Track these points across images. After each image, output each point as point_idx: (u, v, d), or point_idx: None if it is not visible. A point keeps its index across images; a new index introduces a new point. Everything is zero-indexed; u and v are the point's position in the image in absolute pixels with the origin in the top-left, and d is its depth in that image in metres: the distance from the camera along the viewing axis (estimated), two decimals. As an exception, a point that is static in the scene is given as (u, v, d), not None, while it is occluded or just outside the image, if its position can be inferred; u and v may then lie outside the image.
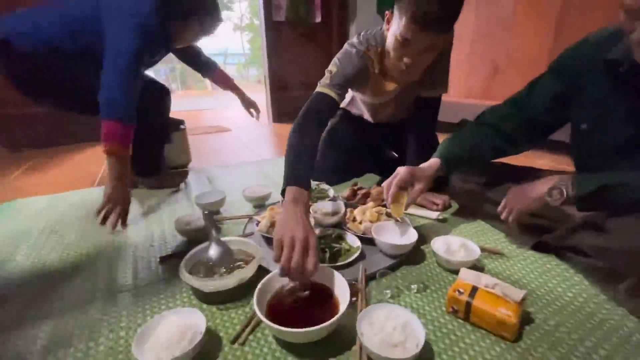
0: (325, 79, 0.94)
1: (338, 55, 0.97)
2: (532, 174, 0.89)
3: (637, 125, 0.62)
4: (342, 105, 1.31)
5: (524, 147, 0.88)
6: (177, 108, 2.68)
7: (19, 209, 1.18)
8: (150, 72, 1.39)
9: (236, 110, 4.48)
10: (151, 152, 1.32)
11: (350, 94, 1.23)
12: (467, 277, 0.63)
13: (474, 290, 0.60)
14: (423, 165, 0.84)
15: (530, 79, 0.84)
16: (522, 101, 0.81)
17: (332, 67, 0.95)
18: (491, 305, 0.56)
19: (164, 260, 0.83)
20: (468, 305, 0.58)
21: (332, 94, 0.92)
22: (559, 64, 0.75)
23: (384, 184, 0.82)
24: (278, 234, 0.62)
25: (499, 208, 0.81)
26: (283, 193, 0.73)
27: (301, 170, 0.77)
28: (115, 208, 0.96)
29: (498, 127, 0.84)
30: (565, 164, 1.58)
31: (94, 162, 1.90)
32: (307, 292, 0.62)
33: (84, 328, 0.61)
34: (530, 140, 0.85)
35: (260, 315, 0.53)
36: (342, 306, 0.57)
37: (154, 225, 1.03)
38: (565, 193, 0.66)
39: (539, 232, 0.82)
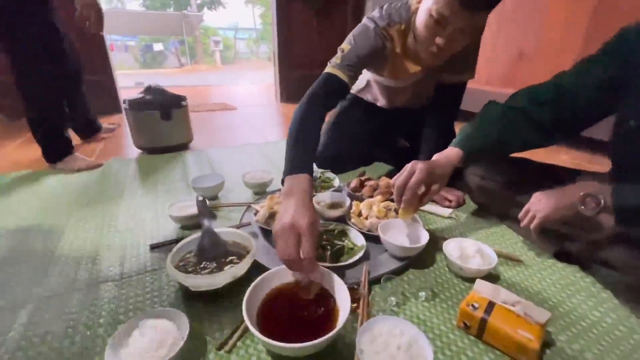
0: (336, 59, 0.85)
1: (354, 31, 0.87)
2: (561, 175, 0.80)
3: None
4: (355, 91, 1.21)
5: (556, 141, 0.77)
6: (185, 83, 2.60)
7: (10, 184, 1.14)
8: (159, 46, 1.43)
9: (243, 87, 4.36)
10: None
11: (365, 78, 1.13)
12: (483, 289, 0.56)
13: (491, 305, 0.53)
14: (440, 159, 0.73)
15: (559, 67, 0.73)
16: (567, 85, 0.69)
17: (345, 44, 0.86)
18: (510, 326, 0.50)
19: (154, 248, 0.77)
20: (483, 322, 0.52)
21: (343, 76, 0.83)
22: (614, 43, 0.63)
23: (396, 182, 0.71)
24: (274, 229, 0.57)
25: (520, 214, 0.72)
26: (283, 183, 0.67)
27: (302, 157, 0.70)
28: (89, 13, 1.13)
29: (532, 114, 0.72)
30: (586, 161, 1.48)
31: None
32: (309, 295, 0.56)
33: (61, 323, 0.56)
34: (567, 133, 0.74)
35: (249, 324, 0.47)
36: (342, 316, 0.51)
37: (146, 208, 0.97)
38: (602, 202, 0.58)
39: (562, 239, 0.74)
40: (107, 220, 0.90)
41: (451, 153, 0.74)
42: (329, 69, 0.85)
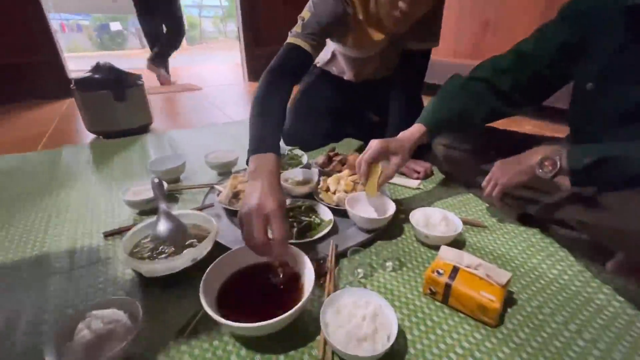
0: (297, 27, 0.80)
1: None
2: (524, 141, 0.81)
3: None
4: (321, 64, 1.16)
5: (521, 109, 0.78)
6: (145, 64, 2.42)
7: (-58, 176, 1.02)
8: (117, 25, 1.27)
9: (210, 67, 4.15)
10: None
11: (330, 50, 1.08)
12: (447, 255, 0.56)
13: (455, 270, 0.53)
14: (403, 134, 0.73)
15: (522, 37, 0.73)
16: (527, 51, 0.69)
17: (305, 12, 0.81)
18: (473, 288, 0.50)
19: (108, 236, 0.72)
20: (447, 287, 0.52)
21: (305, 45, 0.79)
22: (570, 7, 0.63)
23: (355, 162, 0.71)
24: (240, 212, 0.54)
25: (483, 183, 0.73)
26: (247, 162, 0.63)
27: (267, 135, 0.66)
28: None
29: (494, 82, 0.72)
30: (549, 130, 1.53)
31: (41, 122, 1.69)
32: (278, 277, 0.54)
33: (0, 321, 0.51)
34: (530, 100, 0.74)
35: (206, 306, 0.45)
36: (305, 292, 0.49)
37: (100, 195, 0.90)
38: (558, 165, 0.59)
39: (523, 203, 0.76)
40: (56, 210, 0.83)
41: (414, 129, 0.74)
42: (290, 39, 0.80)
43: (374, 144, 0.70)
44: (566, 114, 0.72)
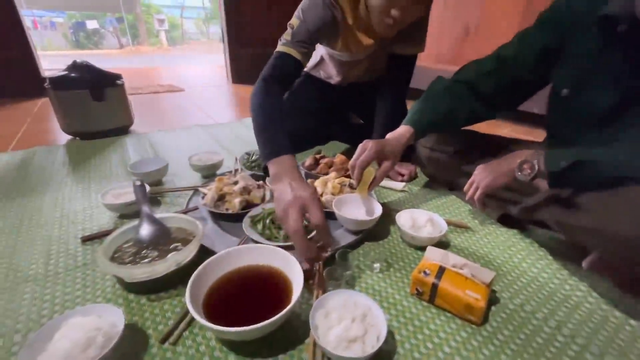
0: (287, 35, 0.80)
1: (302, 4, 0.82)
2: (504, 145, 0.84)
3: (624, 93, 0.56)
4: (307, 69, 1.17)
5: (500, 111, 0.80)
6: (125, 65, 2.34)
7: None
8: (94, 23, 1.17)
9: (193, 68, 4.08)
10: None
11: (319, 53, 1.09)
12: (433, 256, 0.57)
13: (441, 270, 0.54)
14: (392, 137, 0.74)
15: (502, 42, 0.76)
16: (508, 56, 0.72)
17: (294, 19, 0.81)
18: (459, 288, 0.51)
19: (86, 241, 0.69)
20: (434, 287, 0.53)
21: (296, 54, 0.79)
22: (548, 14, 0.66)
23: (349, 164, 0.72)
24: (279, 210, 0.57)
25: (465, 187, 0.75)
26: (265, 170, 0.64)
27: (278, 139, 0.67)
28: None
29: (476, 85, 0.75)
30: (525, 134, 1.59)
31: (12, 122, 1.61)
32: (329, 253, 0.60)
33: (-35, 333, 0.48)
34: (509, 103, 0.77)
35: (193, 311, 0.43)
36: (295, 294, 0.49)
37: (77, 198, 0.87)
38: (536, 168, 0.61)
39: (504, 205, 0.78)
40: (28, 214, 0.79)
41: (402, 131, 0.75)
42: (280, 47, 0.80)
43: (369, 148, 0.69)
44: (542, 118, 0.75)
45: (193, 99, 2.26)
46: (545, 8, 0.67)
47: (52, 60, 2.40)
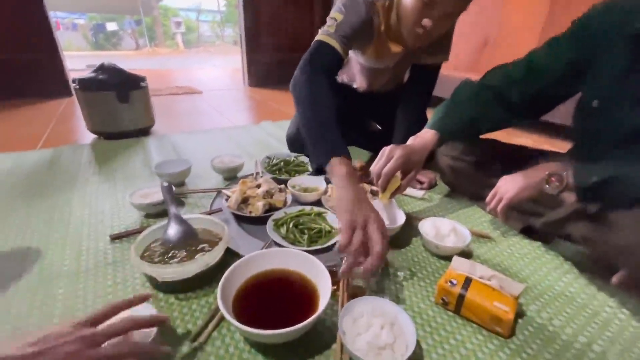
0: (329, 27, 0.78)
1: (343, 0, 0.80)
2: (528, 155, 0.83)
3: None
4: None
5: (525, 120, 0.79)
6: (143, 66, 2.41)
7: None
8: (113, 25, 1.20)
9: (209, 71, 4.15)
10: None
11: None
12: (460, 266, 0.57)
13: (468, 281, 0.54)
14: (417, 144, 0.73)
15: (521, 53, 0.75)
16: (538, 64, 0.71)
17: (336, 13, 0.79)
18: (486, 299, 0.51)
19: (115, 239, 0.71)
20: (461, 297, 0.52)
21: (337, 47, 0.77)
22: (579, 26, 0.65)
23: (374, 170, 0.70)
24: (348, 216, 0.53)
25: (488, 198, 0.74)
26: (319, 169, 0.63)
27: (336, 135, 0.65)
28: None
29: (503, 92, 0.74)
30: (545, 144, 1.57)
31: (40, 121, 1.66)
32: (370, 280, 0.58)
33: (4, 324, 0.50)
34: (535, 112, 0.76)
35: (225, 312, 0.44)
36: (322, 301, 0.50)
37: (104, 197, 0.89)
38: (565, 181, 0.61)
39: (527, 217, 0.77)
40: (58, 212, 0.81)
41: (427, 136, 0.74)
42: (321, 37, 0.78)
43: (396, 156, 0.68)
44: (563, 129, 0.74)
45: (210, 101, 2.30)
46: (575, 18, 0.67)
47: (73, 61, 2.47)
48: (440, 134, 0.74)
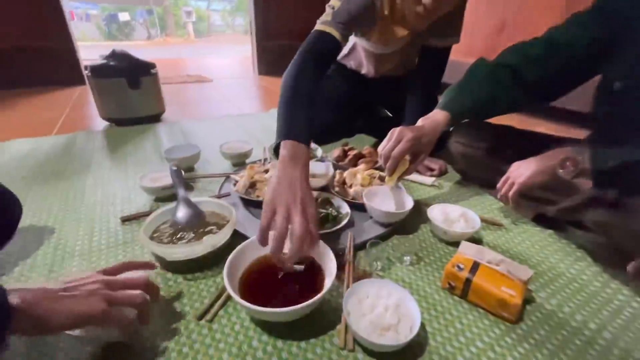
0: (326, 16, 0.78)
1: None
2: (543, 141, 0.80)
3: None
4: (339, 58, 1.16)
5: (542, 101, 0.76)
6: (154, 56, 2.40)
7: (-41, 157, 1.03)
8: (125, 15, 1.21)
9: (219, 60, 4.15)
10: None
11: (350, 42, 1.08)
12: (468, 251, 0.56)
13: (476, 266, 0.53)
14: (427, 125, 0.71)
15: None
16: (559, 41, 0.67)
17: (333, 1, 0.79)
18: (494, 284, 0.50)
19: (126, 221, 0.72)
20: (468, 282, 0.52)
21: (335, 34, 0.76)
22: (605, 1, 0.62)
23: (383, 151, 0.69)
24: (270, 197, 0.52)
25: (499, 184, 0.72)
26: (276, 149, 0.62)
27: (300, 121, 0.63)
28: None
29: (521, 71, 0.70)
30: (562, 132, 1.52)
31: (54, 108, 1.70)
32: (302, 267, 0.52)
33: (22, 298, 0.51)
34: (553, 93, 0.73)
35: (230, 290, 0.45)
36: (327, 281, 0.50)
37: (115, 181, 0.91)
38: (581, 165, 0.58)
39: (539, 204, 0.75)
40: (72, 194, 0.84)
41: (437, 117, 0.72)
42: (319, 26, 0.78)
43: (406, 138, 0.66)
44: (579, 116, 0.71)
45: (220, 89, 2.30)
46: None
47: (86, 51, 2.49)
48: (451, 115, 0.71)
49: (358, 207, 0.75)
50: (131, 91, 1.34)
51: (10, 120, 1.50)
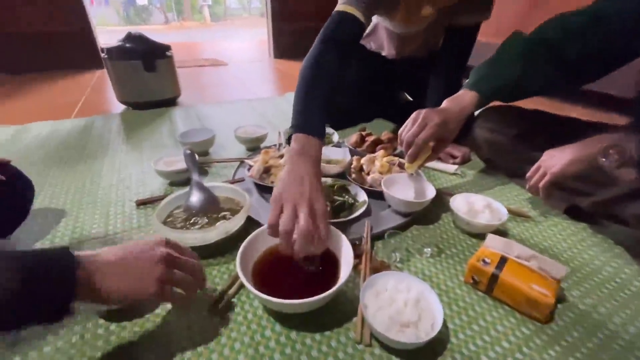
0: None
1: None
2: (578, 128, 0.74)
3: None
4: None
5: (583, 81, 0.68)
6: (170, 40, 2.38)
7: (-17, 139, 1.06)
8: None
9: (235, 43, 4.10)
10: None
11: (372, 23, 1.02)
12: (494, 244, 0.52)
13: (503, 260, 0.50)
14: (453, 107, 0.65)
15: None
16: (606, 12, 0.59)
17: None
18: (523, 281, 0.46)
19: (140, 205, 0.72)
20: (494, 277, 0.48)
21: (358, 14, 0.71)
22: None
23: (404, 135, 0.64)
24: (277, 192, 0.50)
25: (529, 173, 0.66)
26: (289, 140, 0.60)
27: (314, 114, 0.60)
28: None
29: (560, 46, 0.62)
30: (599, 119, 1.41)
31: (73, 92, 1.72)
32: (314, 266, 0.50)
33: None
34: (594, 73, 0.65)
35: (244, 279, 0.44)
36: (344, 271, 0.48)
37: (131, 164, 0.91)
38: (627, 154, 0.53)
39: (572, 194, 0.70)
40: (90, 177, 0.84)
41: (465, 98, 0.66)
42: (340, 6, 0.73)
43: (431, 124, 0.61)
44: (618, 101, 0.64)
45: (236, 73, 2.27)
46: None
47: (105, 36, 2.50)
48: (480, 96, 0.65)
49: (375, 195, 0.72)
50: (147, 74, 1.33)
51: (31, 103, 1.53)
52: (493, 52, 0.72)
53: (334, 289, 0.42)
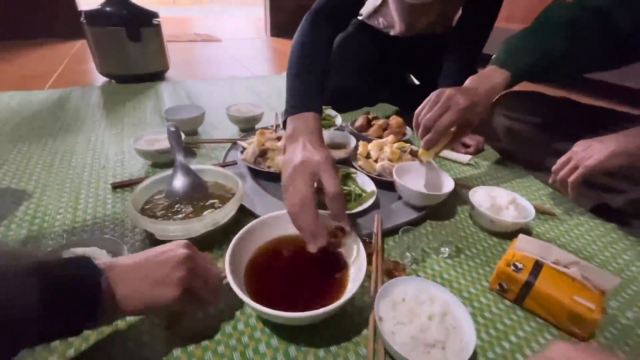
0: None
1: None
2: (611, 118, 0.67)
3: None
4: (364, 16, 1.00)
5: (632, 60, 0.59)
6: (162, 14, 2.21)
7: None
8: None
9: (230, 20, 3.90)
10: None
11: None
12: (527, 247, 0.45)
13: (538, 266, 0.43)
14: (481, 87, 0.55)
15: None
16: None
17: None
18: (563, 292, 0.40)
19: (117, 187, 0.63)
20: (527, 286, 0.42)
21: None
22: None
23: (422, 118, 0.55)
24: (283, 178, 0.43)
25: (556, 166, 0.59)
26: (284, 124, 0.51)
27: (307, 91, 0.53)
28: None
29: (611, 14, 0.53)
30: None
31: (51, 61, 1.57)
32: (345, 237, 0.44)
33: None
34: None
35: (233, 284, 0.36)
36: (354, 277, 0.40)
37: (109, 143, 0.81)
38: None
39: (602, 192, 0.63)
40: (60, 154, 0.74)
41: (494, 76, 0.56)
42: None
43: (456, 107, 0.52)
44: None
45: (230, 50, 2.14)
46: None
47: (90, 2, 2.32)
48: (513, 74, 0.56)
49: (384, 185, 0.64)
50: (131, 44, 1.20)
51: (3, 72, 1.39)
52: (502, 38, 0.63)
53: (338, 303, 0.34)
